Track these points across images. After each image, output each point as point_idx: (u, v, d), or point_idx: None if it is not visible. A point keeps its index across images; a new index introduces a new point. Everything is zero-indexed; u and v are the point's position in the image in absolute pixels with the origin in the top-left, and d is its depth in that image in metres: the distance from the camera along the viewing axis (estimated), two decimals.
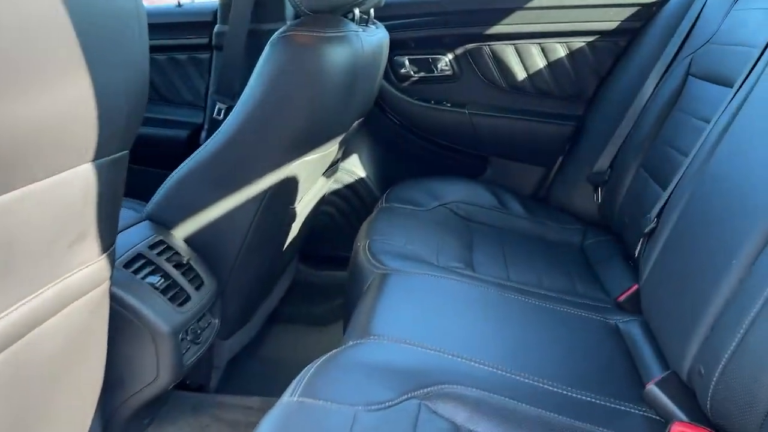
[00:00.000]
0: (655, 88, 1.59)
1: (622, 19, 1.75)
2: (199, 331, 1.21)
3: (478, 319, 1.11)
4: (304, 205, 1.49)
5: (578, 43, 1.80)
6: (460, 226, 1.58)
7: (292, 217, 1.41)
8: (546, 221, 1.69)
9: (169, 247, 1.22)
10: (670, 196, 1.21)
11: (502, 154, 1.95)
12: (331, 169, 1.68)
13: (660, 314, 1.08)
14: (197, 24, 1.92)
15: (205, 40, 1.91)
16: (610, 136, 1.67)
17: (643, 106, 1.60)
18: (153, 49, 1.95)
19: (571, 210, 1.77)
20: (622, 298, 1.29)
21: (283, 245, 1.50)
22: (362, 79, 1.37)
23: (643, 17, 1.74)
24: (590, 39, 1.79)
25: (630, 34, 1.77)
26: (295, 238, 1.57)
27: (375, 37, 1.46)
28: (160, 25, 1.94)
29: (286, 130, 1.19)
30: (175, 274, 1.19)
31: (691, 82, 1.45)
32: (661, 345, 1.05)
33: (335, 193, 1.96)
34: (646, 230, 1.23)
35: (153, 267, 1.16)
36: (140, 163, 1.93)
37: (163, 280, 1.15)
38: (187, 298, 1.18)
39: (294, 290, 1.91)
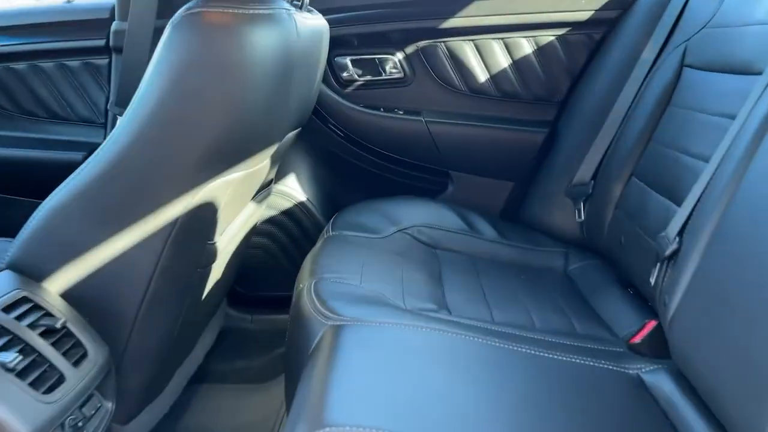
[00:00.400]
0: (641, 86, 1.41)
1: (596, 7, 1.58)
2: (80, 423, 0.88)
3: (468, 384, 0.85)
4: (228, 239, 1.19)
5: (546, 36, 1.63)
6: (424, 256, 1.36)
7: (212, 255, 1.11)
8: (522, 244, 1.50)
9: (37, 306, 0.91)
10: (693, 211, 0.97)
11: (465, 168, 1.76)
12: (263, 192, 1.42)
13: (707, 366, 0.82)
14: (92, 22, 1.64)
15: (101, 42, 1.63)
16: (590, 143, 1.49)
17: (628, 107, 1.44)
18: (38, 54, 1.68)
19: (548, 230, 1.58)
20: (637, 339, 1.04)
21: (203, 292, 1.18)
22: (299, 73, 1.09)
23: (621, 5, 1.57)
24: (560, 32, 1.62)
25: (606, 24, 1.60)
26: (219, 281, 1.27)
27: (313, 22, 1.18)
28: (46, 26, 1.66)
29: (196, 139, 0.92)
30: (42, 345, 0.87)
31: (689, 74, 1.25)
32: (716, 409, 0.80)
33: (270, 221, 1.70)
34: (667, 253, 0.98)
35: (9, 338, 0.84)
36: (24, 194, 1.65)
37: (21, 357, 0.82)
38: (60, 379, 0.87)
39: (224, 341, 1.63)
